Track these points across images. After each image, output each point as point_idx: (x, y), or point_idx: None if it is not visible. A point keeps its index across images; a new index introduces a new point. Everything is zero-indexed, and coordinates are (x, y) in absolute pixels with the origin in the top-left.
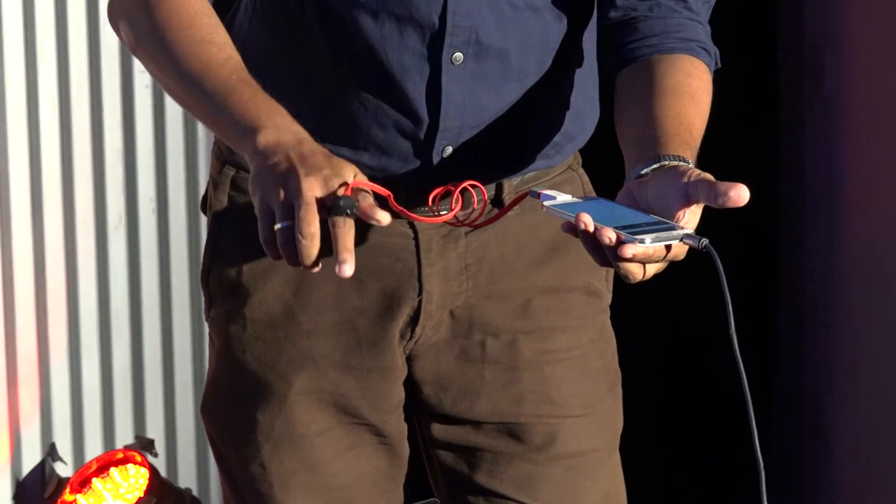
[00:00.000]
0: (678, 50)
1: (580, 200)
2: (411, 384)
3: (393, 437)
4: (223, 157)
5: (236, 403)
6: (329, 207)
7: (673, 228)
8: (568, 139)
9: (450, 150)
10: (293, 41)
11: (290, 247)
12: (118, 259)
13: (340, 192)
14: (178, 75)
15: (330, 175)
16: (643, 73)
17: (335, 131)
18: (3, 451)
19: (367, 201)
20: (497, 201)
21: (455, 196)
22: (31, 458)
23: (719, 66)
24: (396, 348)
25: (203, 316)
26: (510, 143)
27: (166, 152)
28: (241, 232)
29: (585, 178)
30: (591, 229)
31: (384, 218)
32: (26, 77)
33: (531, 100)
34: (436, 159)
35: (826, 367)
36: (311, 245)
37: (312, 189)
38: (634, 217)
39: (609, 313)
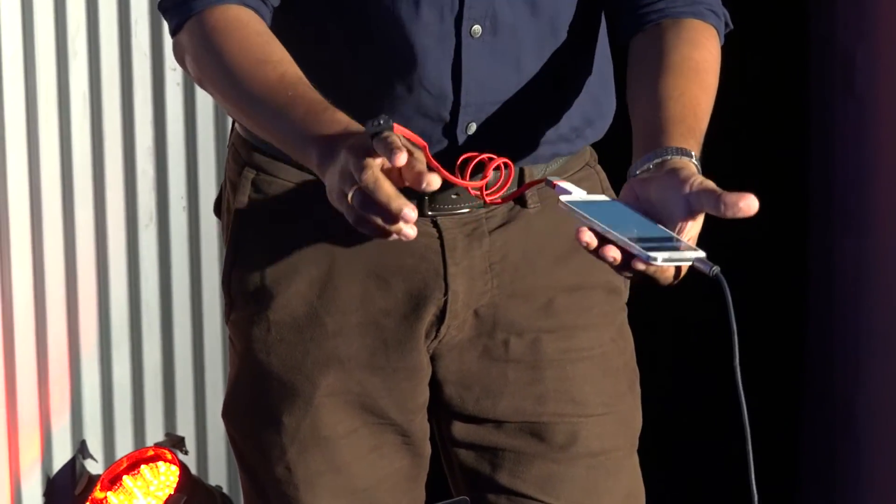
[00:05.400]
0: (685, 14)
1: (595, 199)
2: (434, 383)
3: (416, 437)
4: (242, 159)
5: (260, 406)
6: (371, 137)
7: (683, 248)
8: (587, 123)
9: (474, 127)
10: (309, 41)
11: (369, 207)
12: (149, 257)
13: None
14: (239, 100)
15: (364, 138)
16: (650, 47)
17: (357, 120)
18: (34, 448)
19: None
20: (519, 196)
21: (487, 167)
22: (62, 455)
23: (731, 27)
24: (422, 348)
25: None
26: (531, 123)
27: (197, 150)
28: (262, 234)
29: (603, 174)
30: (594, 246)
31: (434, 181)
32: (57, 75)
33: (549, 77)
34: (461, 138)
35: (855, 366)
36: (380, 190)
37: (359, 161)
38: (647, 228)
39: (626, 311)
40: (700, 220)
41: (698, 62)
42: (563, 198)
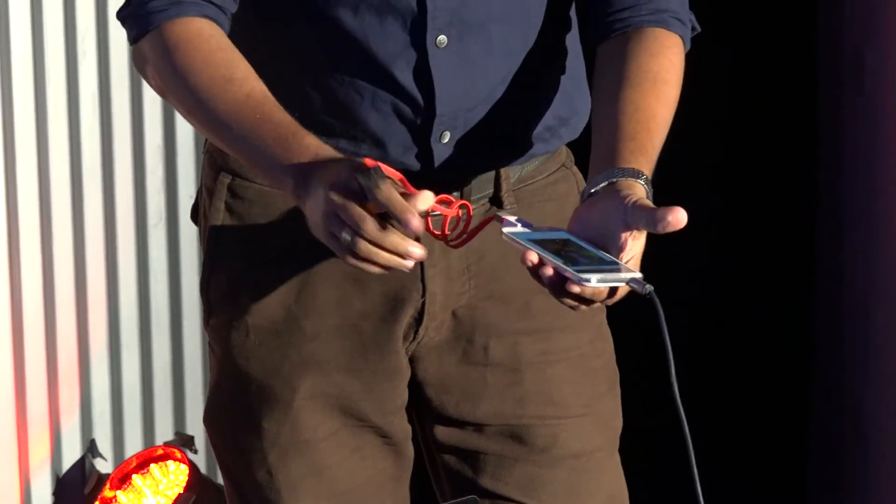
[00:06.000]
0: (649, 23)
1: (539, 231)
2: (414, 386)
3: (397, 437)
4: (217, 164)
5: (240, 411)
6: (361, 190)
7: (621, 270)
8: (561, 122)
9: (448, 135)
10: (282, 43)
11: (374, 255)
12: (158, 256)
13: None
14: (206, 120)
15: (347, 177)
16: (612, 58)
17: (333, 124)
18: (44, 447)
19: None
20: (495, 197)
21: (446, 216)
22: (71, 454)
23: (698, 30)
24: (401, 349)
25: None
26: (505, 127)
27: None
28: (239, 239)
29: (580, 175)
30: (535, 262)
31: (424, 202)
32: (67, 75)
33: (520, 79)
34: (435, 146)
35: (864, 367)
36: (387, 239)
37: (351, 209)
38: (586, 254)
39: (605, 312)
40: (641, 239)
41: (657, 73)
42: (505, 230)
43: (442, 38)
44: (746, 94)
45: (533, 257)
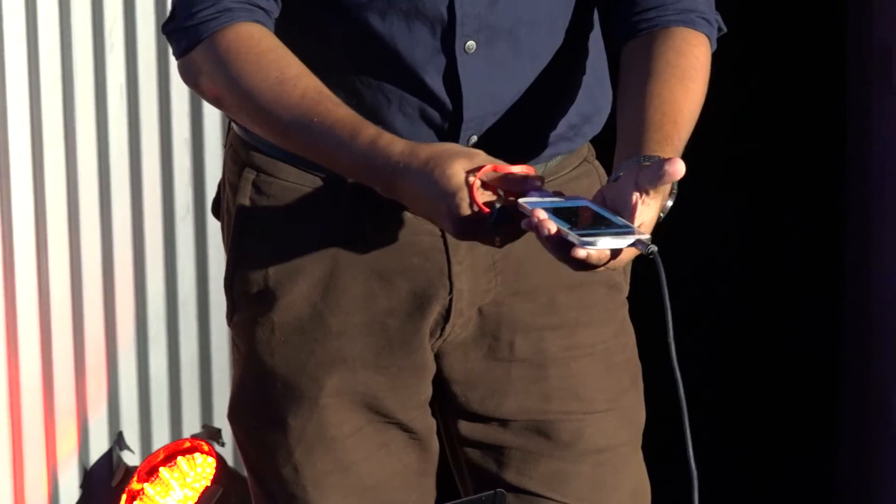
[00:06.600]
0: (675, 23)
1: (558, 200)
2: (439, 382)
3: (422, 433)
4: (241, 160)
5: (266, 408)
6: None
7: (630, 233)
8: (585, 119)
9: (475, 139)
10: (310, 45)
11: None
12: (185, 248)
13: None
14: (266, 124)
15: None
16: (638, 55)
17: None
18: (71, 439)
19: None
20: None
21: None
22: (99, 447)
23: (724, 30)
24: (427, 346)
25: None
26: (530, 127)
27: None
28: (264, 235)
29: (602, 170)
30: (537, 220)
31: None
32: (94, 68)
33: (546, 81)
34: None
35: (892, 363)
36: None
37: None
38: (597, 219)
39: (627, 306)
40: (653, 204)
41: (684, 70)
42: (521, 200)
43: (470, 43)
44: (774, 92)
45: (535, 221)
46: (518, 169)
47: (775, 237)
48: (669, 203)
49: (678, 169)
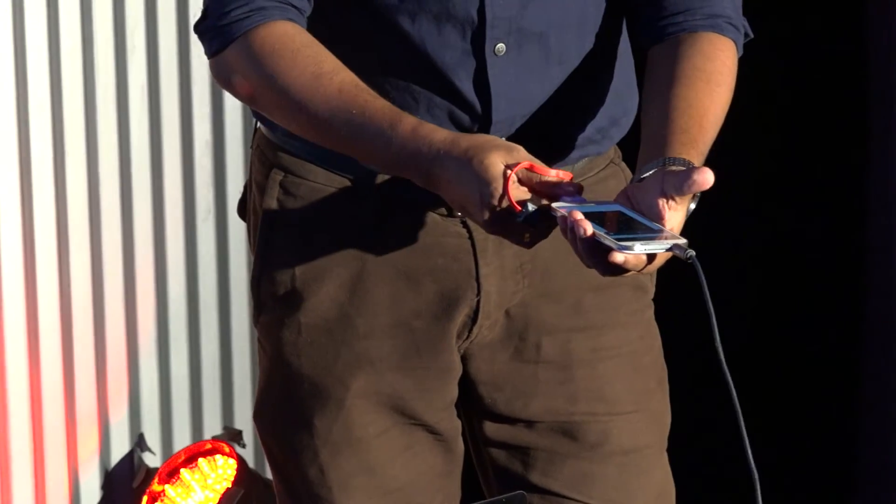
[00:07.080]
0: (702, 28)
1: (589, 205)
2: (465, 383)
3: (448, 434)
4: (268, 161)
5: (292, 409)
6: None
7: (665, 237)
8: (612, 122)
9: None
10: (338, 45)
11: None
12: (207, 250)
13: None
14: (304, 122)
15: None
16: (665, 59)
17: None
18: (92, 441)
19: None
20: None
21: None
22: (120, 448)
23: (751, 36)
24: (454, 348)
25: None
26: (558, 130)
27: None
28: (292, 237)
29: (628, 171)
30: (573, 220)
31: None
32: (116, 69)
33: (575, 84)
34: None
35: None
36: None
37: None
38: (630, 223)
39: (653, 308)
40: (680, 210)
41: (710, 74)
42: (554, 204)
43: (500, 46)
44: (795, 92)
45: (571, 221)
46: (555, 174)
47: (796, 240)
48: (692, 206)
49: (707, 178)
